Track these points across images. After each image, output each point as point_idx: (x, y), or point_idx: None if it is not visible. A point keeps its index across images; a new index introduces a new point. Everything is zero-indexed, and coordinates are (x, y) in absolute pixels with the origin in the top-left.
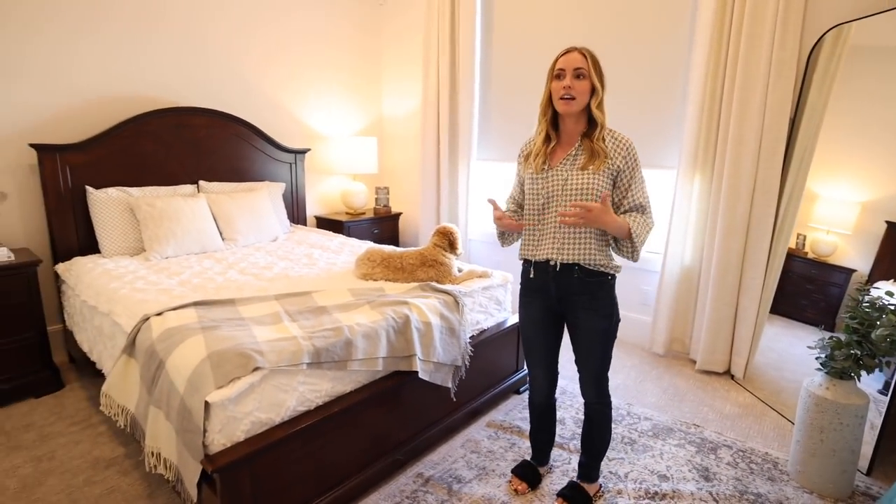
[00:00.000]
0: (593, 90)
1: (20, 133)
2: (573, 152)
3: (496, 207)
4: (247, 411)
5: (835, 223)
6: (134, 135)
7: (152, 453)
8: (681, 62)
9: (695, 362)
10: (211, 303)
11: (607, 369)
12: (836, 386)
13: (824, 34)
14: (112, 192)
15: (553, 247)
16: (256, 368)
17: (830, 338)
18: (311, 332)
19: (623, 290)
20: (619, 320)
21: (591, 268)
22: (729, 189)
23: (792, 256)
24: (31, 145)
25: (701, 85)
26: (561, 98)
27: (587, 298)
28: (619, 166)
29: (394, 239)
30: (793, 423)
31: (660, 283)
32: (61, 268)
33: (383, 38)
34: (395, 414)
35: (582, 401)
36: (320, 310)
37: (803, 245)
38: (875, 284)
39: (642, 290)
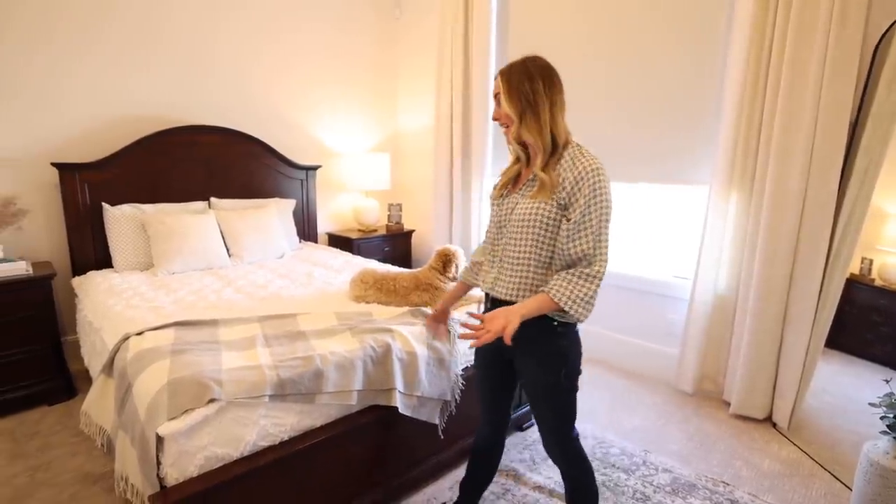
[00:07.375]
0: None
1: (44, 153)
2: (532, 177)
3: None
4: (201, 445)
5: None
6: (148, 153)
7: (121, 477)
8: (715, 61)
9: (729, 405)
10: (193, 323)
11: (563, 429)
12: None
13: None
14: (126, 208)
15: (494, 278)
16: (212, 400)
17: None
18: (280, 361)
19: (646, 316)
20: (576, 373)
21: None
22: (772, 207)
23: (854, 283)
24: (53, 164)
25: (739, 87)
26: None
27: (525, 343)
28: (566, 197)
29: (406, 257)
30: (850, 490)
31: (689, 312)
32: (76, 281)
33: (399, 50)
34: (376, 450)
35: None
36: (298, 335)
37: (869, 270)
38: None
39: (668, 318)
